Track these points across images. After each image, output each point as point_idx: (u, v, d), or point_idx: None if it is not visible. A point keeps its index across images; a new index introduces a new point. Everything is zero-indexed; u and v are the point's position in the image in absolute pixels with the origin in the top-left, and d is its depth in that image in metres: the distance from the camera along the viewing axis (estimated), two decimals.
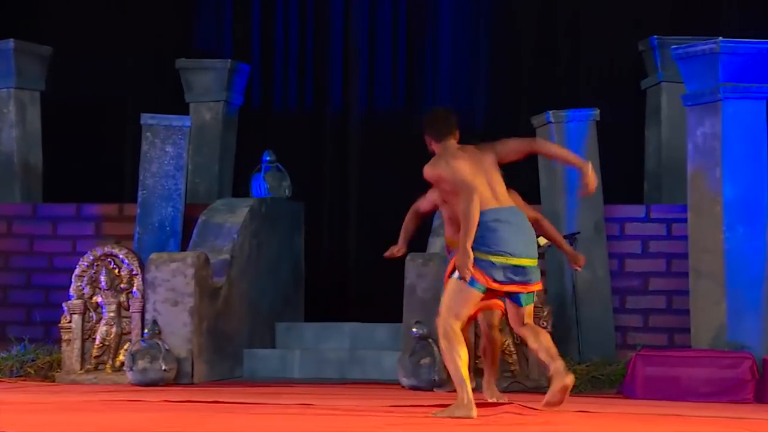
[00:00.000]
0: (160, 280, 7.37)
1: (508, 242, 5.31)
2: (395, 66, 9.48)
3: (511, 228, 5.34)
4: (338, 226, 9.40)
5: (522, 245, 5.35)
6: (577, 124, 7.86)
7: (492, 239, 5.29)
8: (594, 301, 7.71)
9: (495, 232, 5.30)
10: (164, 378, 7.14)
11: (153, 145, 8.47)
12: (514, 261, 5.33)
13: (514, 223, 5.37)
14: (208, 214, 8.13)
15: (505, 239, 5.30)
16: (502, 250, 5.30)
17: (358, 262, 9.17)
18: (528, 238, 5.43)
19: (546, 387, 6.89)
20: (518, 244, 5.33)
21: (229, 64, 9.16)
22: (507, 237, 5.31)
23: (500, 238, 5.30)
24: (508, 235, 5.31)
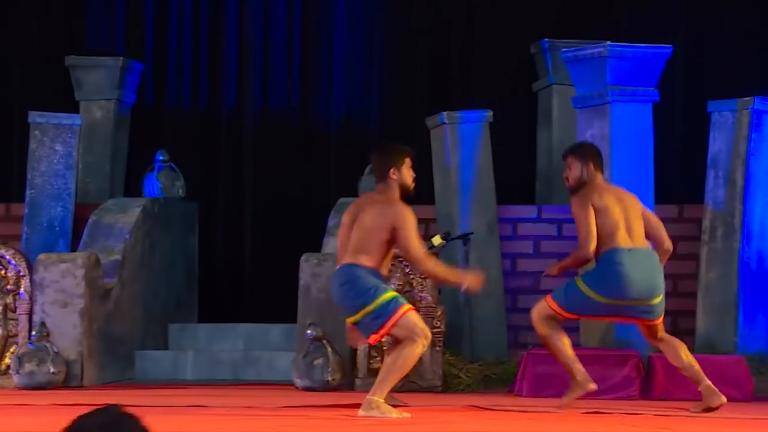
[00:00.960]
0: (48, 281, 7.23)
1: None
2: (290, 65, 9.46)
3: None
4: (233, 226, 9.34)
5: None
6: (471, 125, 7.94)
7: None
8: (487, 301, 7.79)
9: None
10: (53, 381, 7.01)
11: (42, 144, 8.30)
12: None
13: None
14: (99, 214, 8.00)
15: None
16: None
17: (252, 262, 9.13)
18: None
19: (439, 386, 6.96)
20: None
21: (121, 62, 9.02)
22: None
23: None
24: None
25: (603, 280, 5.78)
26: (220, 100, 9.47)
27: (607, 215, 5.82)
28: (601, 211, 5.81)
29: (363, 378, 7.03)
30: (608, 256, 5.78)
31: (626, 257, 5.75)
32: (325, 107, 9.41)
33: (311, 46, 9.43)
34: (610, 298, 5.76)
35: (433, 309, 7.08)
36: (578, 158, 5.97)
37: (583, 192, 5.90)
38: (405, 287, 7.12)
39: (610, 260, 5.76)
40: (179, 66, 9.50)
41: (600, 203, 5.84)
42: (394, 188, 5.77)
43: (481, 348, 7.43)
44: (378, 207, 5.64)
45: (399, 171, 5.81)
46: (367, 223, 5.59)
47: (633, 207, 5.89)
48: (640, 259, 5.79)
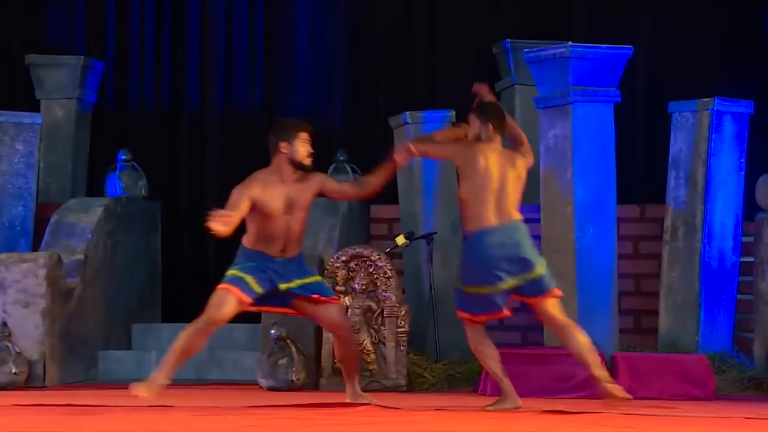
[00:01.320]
0: (10, 281, 7.18)
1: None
2: (253, 65, 9.45)
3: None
4: (196, 225, 9.27)
5: None
6: (434, 125, 7.97)
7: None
8: (451, 301, 7.81)
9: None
10: (14, 381, 6.97)
11: (2, 143, 8.26)
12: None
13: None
14: (61, 213, 7.96)
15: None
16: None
17: (216, 262, 9.08)
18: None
19: (404, 386, 6.99)
20: None
21: (82, 61, 8.97)
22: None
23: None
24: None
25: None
26: (182, 98, 9.44)
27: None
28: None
29: (328, 378, 7.05)
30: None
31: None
32: (289, 106, 9.41)
33: (274, 44, 9.43)
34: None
35: (397, 308, 7.10)
36: (479, 117, 5.98)
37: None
38: (369, 287, 7.14)
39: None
40: (141, 65, 9.46)
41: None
42: (283, 163, 5.74)
43: (445, 347, 7.47)
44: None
45: (291, 145, 5.76)
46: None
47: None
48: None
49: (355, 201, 7.92)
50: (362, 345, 7.06)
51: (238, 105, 9.45)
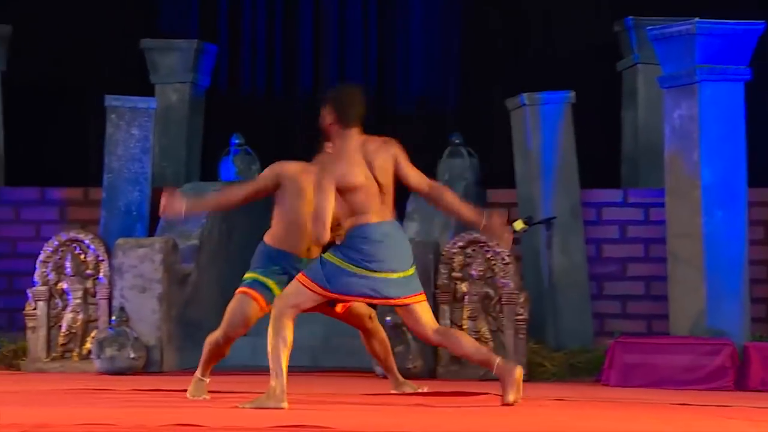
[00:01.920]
0: (127, 266, 7.32)
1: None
2: (366, 47, 9.46)
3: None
4: None
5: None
6: (552, 106, 7.88)
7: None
8: (571, 288, 7.74)
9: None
10: (133, 366, 7.11)
11: (118, 128, 8.40)
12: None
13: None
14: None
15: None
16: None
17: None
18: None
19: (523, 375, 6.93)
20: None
21: (196, 45, 9.09)
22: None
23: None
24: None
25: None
26: (295, 81, 9.51)
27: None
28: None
29: (445, 366, 7.03)
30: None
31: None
32: (403, 89, 9.40)
33: (388, 26, 9.41)
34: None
35: (516, 295, 7.04)
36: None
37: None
38: (486, 273, 7.09)
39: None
40: (254, 48, 9.55)
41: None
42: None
43: (565, 336, 7.38)
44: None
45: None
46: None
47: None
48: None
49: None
50: (480, 332, 7.01)
51: None
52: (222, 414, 5.22)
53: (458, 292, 7.09)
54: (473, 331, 7.02)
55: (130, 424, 4.77)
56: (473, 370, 6.95)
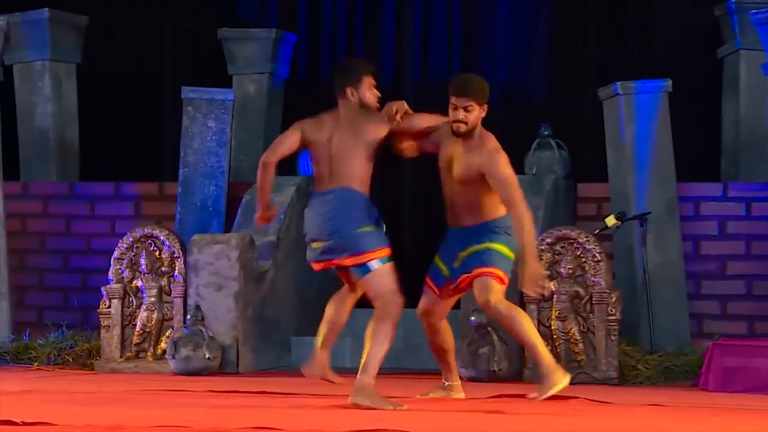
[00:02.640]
0: (202, 263, 7.38)
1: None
2: (450, 35, 9.40)
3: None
4: (391, 203, 9.34)
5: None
6: (648, 95, 7.76)
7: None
8: (667, 287, 7.61)
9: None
10: (208, 367, 7.16)
11: (194, 120, 8.47)
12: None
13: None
14: (253, 193, 8.12)
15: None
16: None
17: (412, 244, 9.11)
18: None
19: (615, 378, 6.84)
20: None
21: (275, 34, 9.12)
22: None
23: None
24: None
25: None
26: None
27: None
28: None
29: (532, 368, 6.95)
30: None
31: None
32: (488, 79, 9.27)
33: (473, 12, 9.35)
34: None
35: (608, 294, 6.94)
36: (478, 101, 5.62)
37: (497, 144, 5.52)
38: (576, 271, 7.01)
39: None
40: (334, 36, 9.55)
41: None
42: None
43: (660, 337, 7.26)
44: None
45: (357, 90, 5.65)
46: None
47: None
48: None
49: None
50: (569, 333, 6.94)
51: (434, 77, 9.42)
52: (300, 416, 5.23)
53: (545, 291, 7.02)
54: (562, 332, 6.95)
55: (205, 426, 4.81)
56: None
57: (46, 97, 8.89)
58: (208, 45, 9.36)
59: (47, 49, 8.89)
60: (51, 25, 8.87)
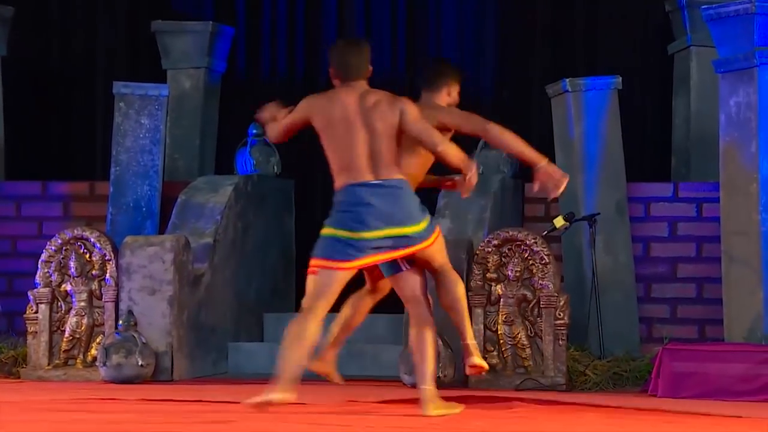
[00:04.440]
0: (135, 266, 7.35)
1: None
2: (394, 27, 9.44)
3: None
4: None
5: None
6: (597, 93, 7.84)
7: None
8: (616, 290, 7.70)
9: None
10: (141, 374, 7.14)
11: (127, 117, 8.43)
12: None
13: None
14: (189, 193, 8.11)
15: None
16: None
17: None
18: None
19: (563, 384, 6.91)
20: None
21: (211, 27, 9.10)
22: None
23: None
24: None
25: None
26: (318, 66, 9.49)
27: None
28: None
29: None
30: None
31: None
32: None
33: (417, 8, 9.39)
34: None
35: (556, 298, 7.01)
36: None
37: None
38: (523, 274, 7.07)
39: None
40: (273, 30, 9.55)
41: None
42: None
43: (609, 342, 7.35)
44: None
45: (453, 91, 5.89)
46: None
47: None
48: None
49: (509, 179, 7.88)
50: (517, 338, 6.99)
51: (378, 72, 9.36)
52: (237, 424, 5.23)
53: (493, 295, 7.08)
54: (509, 337, 7.01)
55: None
56: (506, 380, 6.93)
57: None
58: (141, 38, 9.32)
59: None
60: None
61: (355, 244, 5.41)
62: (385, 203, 5.42)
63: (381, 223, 5.40)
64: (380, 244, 5.42)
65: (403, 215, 5.43)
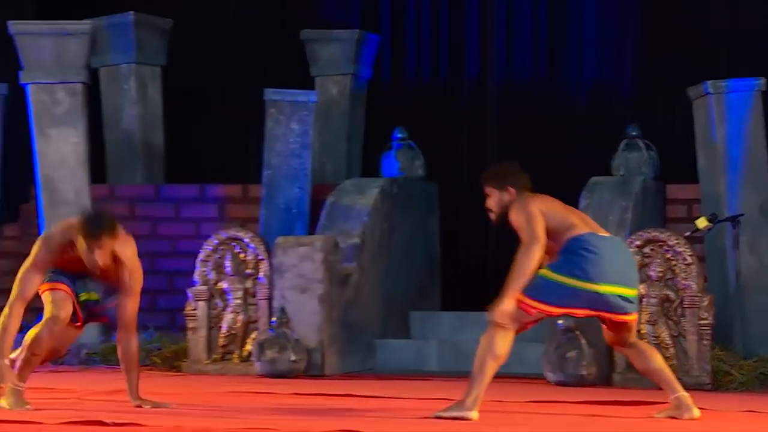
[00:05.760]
0: (287, 265, 7.45)
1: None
2: (536, 33, 9.38)
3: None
4: (476, 207, 9.32)
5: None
6: (740, 95, 7.67)
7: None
8: (760, 291, 7.50)
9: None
10: (294, 369, 7.24)
11: (278, 122, 8.55)
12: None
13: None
14: (337, 195, 8.18)
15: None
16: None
17: (497, 246, 9.09)
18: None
19: (708, 384, 6.77)
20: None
21: (357, 35, 9.18)
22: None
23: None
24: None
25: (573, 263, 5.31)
26: (461, 72, 9.50)
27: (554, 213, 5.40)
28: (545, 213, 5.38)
29: (622, 373, 6.92)
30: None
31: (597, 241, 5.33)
32: (575, 78, 9.28)
33: (559, 9, 9.31)
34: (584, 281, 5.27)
35: (699, 298, 6.88)
36: (495, 186, 5.52)
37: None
38: (666, 274, 6.96)
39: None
40: (418, 36, 9.58)
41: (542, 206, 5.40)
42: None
43: (754, 343, 7.17)
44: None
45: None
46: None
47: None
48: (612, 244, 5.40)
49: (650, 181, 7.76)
50: (659, 338, 6.88)
51: (519, 77, 9.41)
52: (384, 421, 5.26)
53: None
54: (652, 336, 6.90)
55: (290, 429, 4.87)
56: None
57: (132, 100, 9.05)
58: (290, 47, 9.44)
59: (133, 52, 9.05)
60: (136, 28, 9.03)
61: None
62: None
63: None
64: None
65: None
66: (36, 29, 8.24)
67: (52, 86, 8.19)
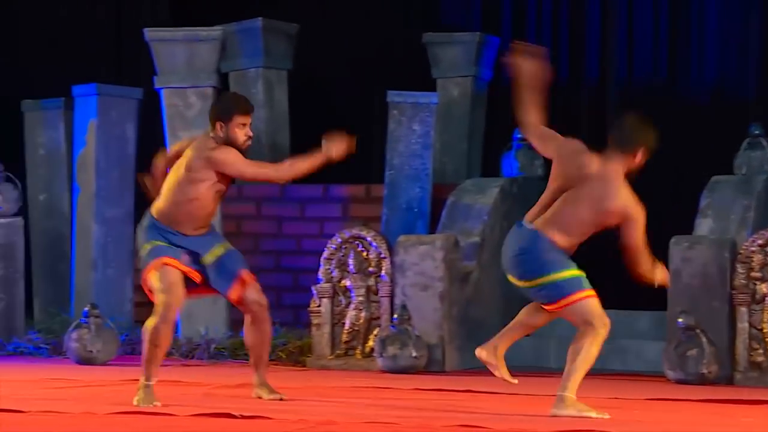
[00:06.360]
0: (408, 263, 7.52)
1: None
2: (656, 34, 9.27)
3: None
4: None
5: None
6: None
7: None
8: None
9: None
10: (415, 365, 7.30)
11: (400, 124, 8.63)
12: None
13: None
14: (457, 194, 8.22)
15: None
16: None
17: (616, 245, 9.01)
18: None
19: None
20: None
21: (478, 38, 9.20)
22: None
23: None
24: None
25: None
26: (581, 72, 9.44)
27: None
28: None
29: (743, 372, 6.81)
30: None
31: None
32: (696, 77, 9.15)
33: (680, 9, 9.18)
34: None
35: None
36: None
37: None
38: None
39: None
40: (538, 38, 9.54)
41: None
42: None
43: None
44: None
45: (226, 126, 5.56)
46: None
47: None
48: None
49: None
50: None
51: (640, 76, 9.30)
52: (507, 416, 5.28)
53: (758, 293, 6.85)
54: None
55: (412, 424, 4.92)
56: None
57: (259, 103, 9.22)
58: (413, 49, 9.50)
59: (260, 57, 9.22)
60: (264, 33, 9.20)
61: None
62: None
63: None
64: None
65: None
66: (170, 36, 8.45)
67: (185, 90, 8.39)
